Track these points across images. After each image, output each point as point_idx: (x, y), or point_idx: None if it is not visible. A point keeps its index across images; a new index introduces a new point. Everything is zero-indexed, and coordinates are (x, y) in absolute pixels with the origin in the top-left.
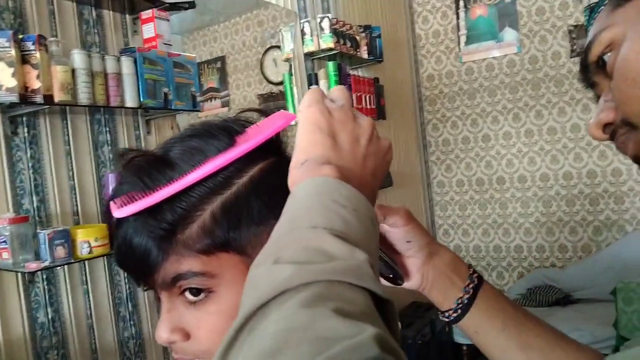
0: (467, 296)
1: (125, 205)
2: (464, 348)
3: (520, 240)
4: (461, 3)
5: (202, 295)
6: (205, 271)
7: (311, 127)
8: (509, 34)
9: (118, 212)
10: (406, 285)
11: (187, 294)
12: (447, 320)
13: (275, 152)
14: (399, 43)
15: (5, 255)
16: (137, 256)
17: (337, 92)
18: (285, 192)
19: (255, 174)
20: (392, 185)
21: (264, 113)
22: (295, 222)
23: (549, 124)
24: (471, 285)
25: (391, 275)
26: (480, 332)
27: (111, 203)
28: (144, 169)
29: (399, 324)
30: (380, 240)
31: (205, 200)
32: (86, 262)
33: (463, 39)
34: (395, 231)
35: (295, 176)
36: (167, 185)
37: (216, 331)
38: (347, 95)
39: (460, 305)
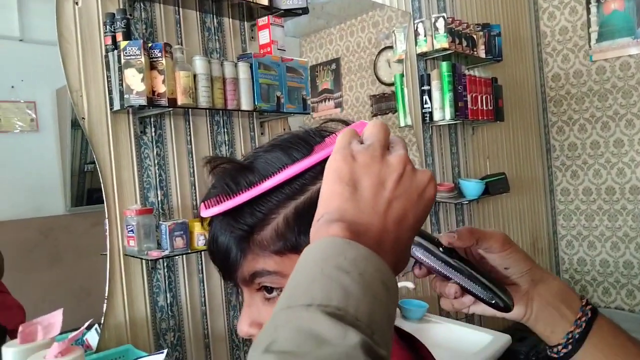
0: (578, 330)
1: (212, 206)
2: None
3: None
4: None
5: (275, 293)
6: (278, 270)
7: (332, 176)
8: None
9: (204, 212)
10: (507, 315)
11: (264, 291)
12: (555, 356)
13: None
14: (521, 41)
15: (132, 242)
16: (221, 253)
17: (369, 130)
18: None
19: None
20: (508, 192)
21: (346, 123)
22: (292, 297)
23: None
24: (584, 319)
25: (493, 302)
26: None
27: (201, 204)
28: (230, 174)
29: None
30: (481, 264)
31: (281, 205)
32: (202, 253)
33: (594, 35)
34: (492, 257)
35: (312, 234)
36: (248, 190)
37: None
38: (380, 131)
39: (570, 341)
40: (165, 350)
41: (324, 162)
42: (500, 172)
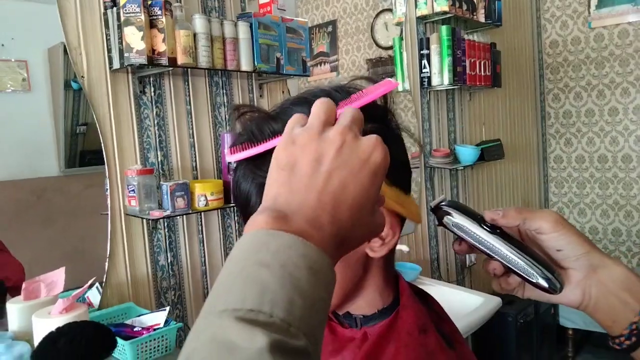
0: None
1: (237, 152)
2: (570, 332)
3: None
4: None
5: None
6: None
7: (272, 165)
8: None
9: (229, 157)
10: (564, 301)
11: None
12: (617, 348)
13: (377, 119)
14: (521, 6)
15: (133, 202)
16: (242, 199)
17: (312, 110)
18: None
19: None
20: (502, 158)
21: (373, 80)
22: (212, 303)
23: None
24: None
25: (535, 281)
26: None
27: (228, 149)
28: (257, 123)
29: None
30: (534, 246)
31: None
32: (202, 213)
33: (594, 2)
34: (543, 238)
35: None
36: (272, 139)
37: None
38: (320, 108)
39: (635, 332)
40: (168, 308)
41: None
42: (495, 138)
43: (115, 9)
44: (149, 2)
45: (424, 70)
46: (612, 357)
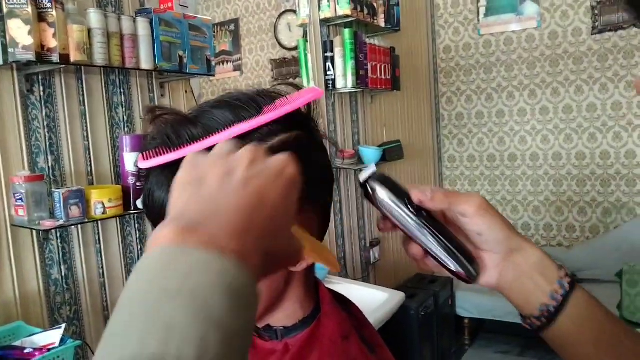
0: (553, 304)
1: (151, 158)
2: (466, 321)
3: (529, 218)
4: None
5: None
6: None
7: (174, 187)
8: (529, 7)
9: (141, 164)
10: (481, 282)
11: None
12: (528, 328)
13: (300, 127)
14: (417, 12)
15: (21, 212)
16: (157, 208)
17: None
18: (308, 169)
19: (275, 144)
20: (402, 158)
21: (297, 87)
22: (103, 351)
23: (565, 102)
24: (560, 292)
25: (453, 269)
26: (566, 348)
27: (139, 155)
28: (172, 126)
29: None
30: (454, 228)
31: None
32: (99, 222)
33: (482, 10)
34: (466, 221)
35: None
36: (190, 144)
37: None
38: (225, 143)
39: (545, 313)
40: (63, 325)
41: (270, 123)
42: (396, 139)
43: None
44: None
45: (328, 73)
46: (504, 343)
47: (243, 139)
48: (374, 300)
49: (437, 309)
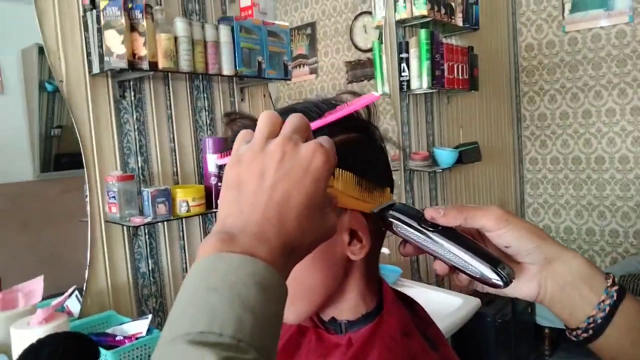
0: (601, 315)
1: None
2: (547, 331)
3: (617, 225)
4: None
5: None
6: None
7: (222, 187)
8: (620, 1)
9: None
10: (520, 295)
11: None
12: (574, 340)
13: (359, 129)
14: (497, 10)
15: (113, 209)
16: None
17: (257, 124)
18: (363, 165)
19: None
20: (480, 160)
21: (356, 94)
22: (165, 334)
23: None
24: (608, 302)
25: (478, 276)
26: (618, 359)
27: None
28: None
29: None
30: (485, 241)
31: None
32: (184, 219)
33: (568, 6)
34: (490, 235)
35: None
36: None
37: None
38: (262, 122)
39: (592, 325)
40: (150, 316)
41: (331, 129)
42: (473, 141)
43: (94, 11)
44: (130, 6)
45: (403, 74)
46: (586, 355)
47: None
48: (448, 305)
49: (515, 317)
